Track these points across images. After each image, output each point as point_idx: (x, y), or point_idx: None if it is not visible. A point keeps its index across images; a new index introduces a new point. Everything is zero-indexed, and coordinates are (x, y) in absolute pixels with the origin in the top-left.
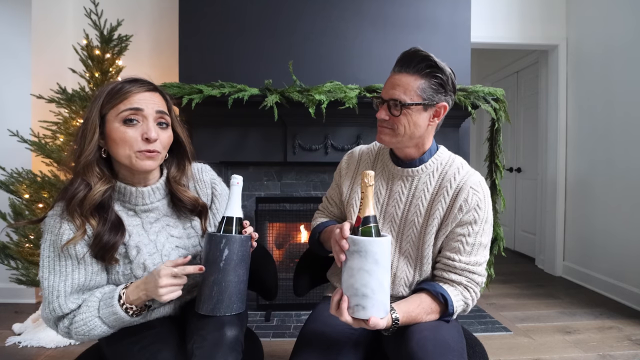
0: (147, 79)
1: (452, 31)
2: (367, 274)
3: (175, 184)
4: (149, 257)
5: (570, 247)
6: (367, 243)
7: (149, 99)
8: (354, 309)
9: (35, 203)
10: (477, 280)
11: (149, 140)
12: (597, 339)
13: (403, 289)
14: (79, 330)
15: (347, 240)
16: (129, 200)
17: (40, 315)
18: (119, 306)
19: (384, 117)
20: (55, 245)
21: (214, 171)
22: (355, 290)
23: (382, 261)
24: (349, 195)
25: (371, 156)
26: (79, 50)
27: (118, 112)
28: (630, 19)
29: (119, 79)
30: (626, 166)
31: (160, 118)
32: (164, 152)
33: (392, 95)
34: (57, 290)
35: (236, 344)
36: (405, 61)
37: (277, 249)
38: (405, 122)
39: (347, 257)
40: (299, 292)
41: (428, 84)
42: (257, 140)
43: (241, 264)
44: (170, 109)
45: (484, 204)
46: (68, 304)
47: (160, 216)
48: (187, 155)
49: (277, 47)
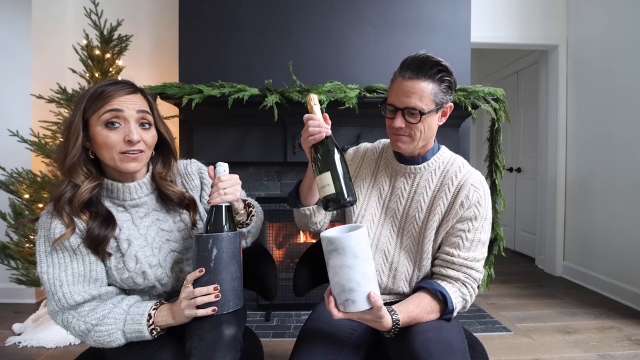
0: (128, 80)
1: (452, 31)
2: (349, 269)
3: (160, 179)
4: (140, 250)
5: (570, 247)
6: (342, 240)
7: (129, 101)
8: (344, 305)
9: (35, 203)
10: (474, 277)
11: (131, 143)
12: (597, 339)
13: (403, 283)
14: (99, 339)
15: (323, 241)
16: (116, 196)
17: (39, 315)
18: (147, 326)
19: (400, 125)
20: (49, 240)
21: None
22: (341, 286)
23: (360, 253)
24: None
25: (375, 153)
26: (79, 50)
27: (100, 116)
28: (630, 19)
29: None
30: (626, 166)
31: (142, 119)
32: (148, 152)
33: (408, 104)
34: (60, 279)
35: (234, 343)
36: (416, 67)
37: (277, 249)
38: (422, 127)
39: (328, 257)
40: (299, 292)
41: (439, 88)
42: (257, 140)
43: (232, 261)
44: (152, 109)
45: (484, 201)
46: (74, 295)
47: (150, 211)
48: (172, 152)
49: (277, 47)
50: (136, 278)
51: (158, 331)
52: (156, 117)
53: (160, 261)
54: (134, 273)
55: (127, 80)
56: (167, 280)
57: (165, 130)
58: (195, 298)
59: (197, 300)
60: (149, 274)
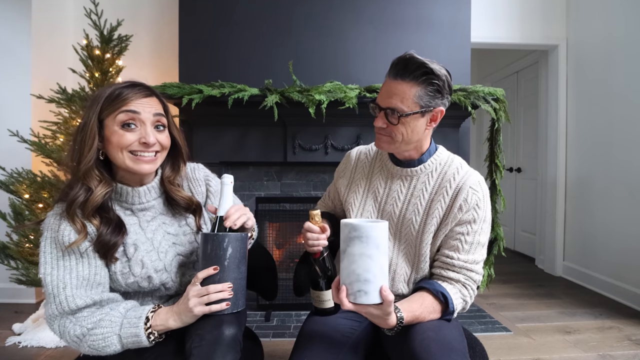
0: (144, 83)
1: (452, 31)
2: (369, 259)
3: (169, 184)
4: (147, 254)
5: (570, 247)
6: (368, 228)
7: (146, 103)
8: (356, 295)
9: (35, 203)
10: (474, 278)
11: (147, 145)
12: (597, 339)
13: (402, 285)
14: (94, 344)
15: (345, 227)
16: (125, 199)
17: (39, 315)
18: (144, 329)
19: (381, 125)
20: (57, 242)
21: (207, 169)
22: (357, 275)
23: (382, 246)
24: (346, 194)
25: (369, 156)
26: (79, 50)
27: (115, 117)
28: (630, 19)
29: (119, 80)
30: (626, 166)
31: (157, 121)
32: (164, 153)
33: (389, 104)
34: (64, 282)
35: (234, 343)
36: (400, 68)
37: (277, 249)
38: (403, 130)
39: (347, 244)
40: (299, 292)
41: (425, 91)
42: (257, 140)
43: (243, 261)
44: (166, 112)
45: (483, 204)
46: (76, 299)
47: (157, 214)
48: (182, 156)
49: (277, 47)
50: (141, 282)
51: (156, 336)
52: (170, 120)
53: (166, 265)
54: (139, 278)
55: (142, 83)
56: (172, 285)
57: (177, 133)
58: (209, 295)
59: (211, 297)
60: (155, 279)
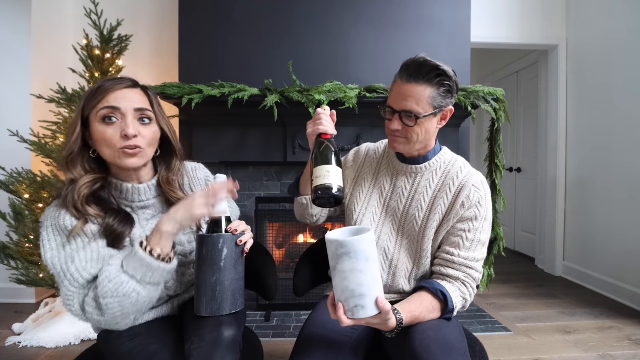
0: (128, 77)
1: (452, 31)
2: (361, 273)
3: (165, 184)
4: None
5: (570, 247)
6: (355, 243)
7: (126, 95)
8: (354, 311)
9: (35, 203)
10: (474, 276)
11: (127, 137)
12: (597, 339)
13: (403, 281)
14: (106, 291)
15: (332, 244)
16: (125, 197)
17: (39, 315)
18: (142, 250)
19: (397, 127)
20: (59, 228)
21: (207, 170)
22: (351, 292)
23: (372, 257)
24: (352, 187)
25: (377, 153)
26: (79, 50)
27: (97, 112)
28: (630, 19)
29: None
30: (626, 166)
31: (141, 114)
32: (149, 149)
33: (404, 107)
34: (72, 257)
35: (234, 344)
36: (413, 70)
37: (277, 249)
38: (418, 131)
39: (337, 262)
40: (299, 292)
41: (437, 92)
42: (257, 140)
43: (239, 261)
44: (153, 105)
45: (484, 202)
46: (88, 269)
47: (157, 213)
48: (174, 152)
49: (277, 47)
50: None
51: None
52: (157, 113)
53: None
54: None
55: (126, 77)
56: (172, 284)
57: (167, 126)
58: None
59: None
60: None
